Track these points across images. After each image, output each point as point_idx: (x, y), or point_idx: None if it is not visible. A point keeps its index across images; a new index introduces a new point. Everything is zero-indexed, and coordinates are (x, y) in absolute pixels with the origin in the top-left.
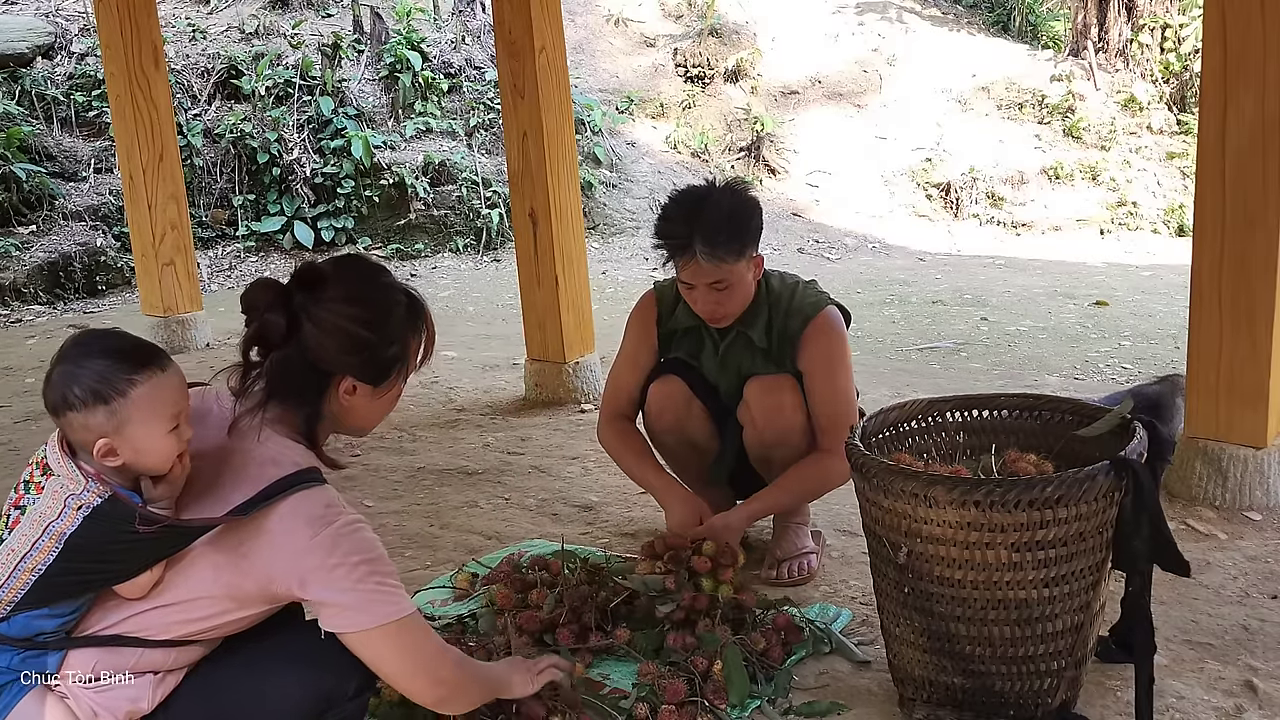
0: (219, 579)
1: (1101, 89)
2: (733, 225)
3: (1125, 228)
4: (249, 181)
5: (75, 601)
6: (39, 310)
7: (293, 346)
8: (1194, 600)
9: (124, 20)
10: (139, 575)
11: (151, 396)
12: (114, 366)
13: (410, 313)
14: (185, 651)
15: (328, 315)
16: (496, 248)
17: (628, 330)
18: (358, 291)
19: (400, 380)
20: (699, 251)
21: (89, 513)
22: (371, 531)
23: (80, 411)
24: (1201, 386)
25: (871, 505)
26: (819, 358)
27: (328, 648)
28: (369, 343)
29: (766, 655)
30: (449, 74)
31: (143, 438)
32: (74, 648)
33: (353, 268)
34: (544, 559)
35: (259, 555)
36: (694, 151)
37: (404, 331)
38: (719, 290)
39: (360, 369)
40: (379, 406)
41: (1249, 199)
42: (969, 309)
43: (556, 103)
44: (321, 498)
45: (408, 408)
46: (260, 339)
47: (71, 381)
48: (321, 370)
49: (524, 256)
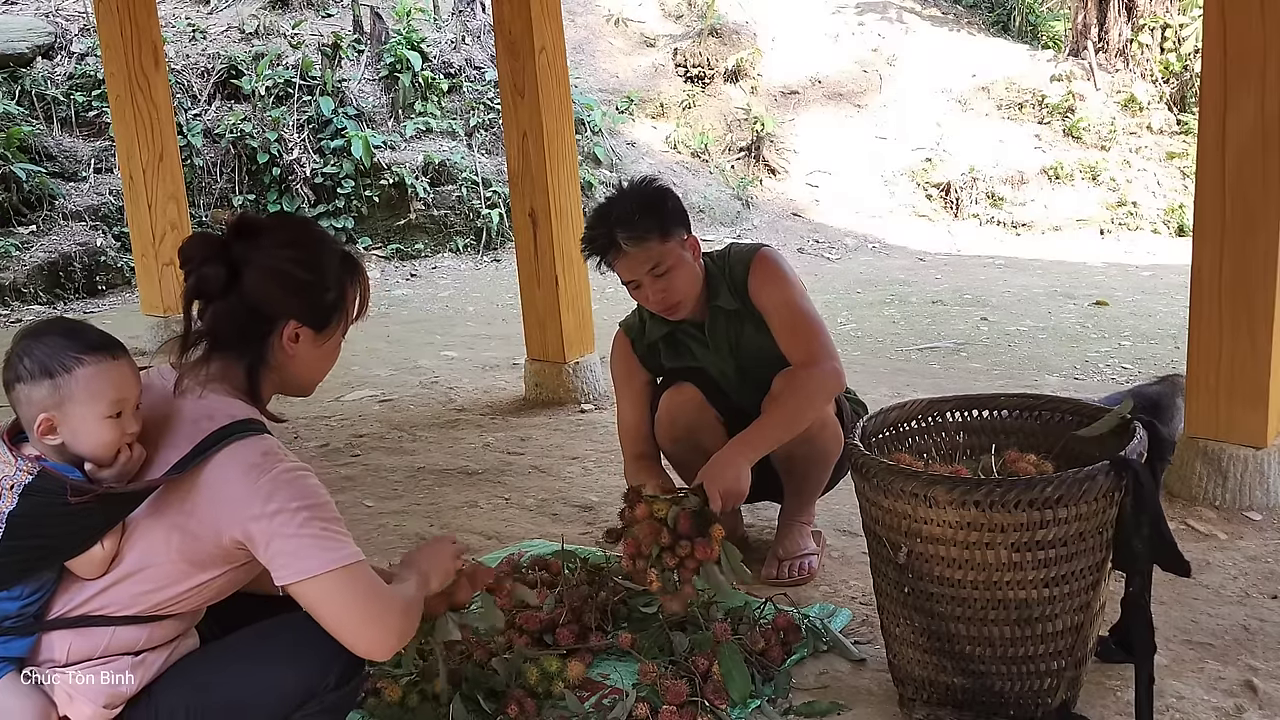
0: (171, 542)
1: (1101, 89)
2: (643, 207)
3: (1125, 228)
4: (249, 181)
5: (30, 583)
6: (39, 310)
7: (233, 296)
8: (1194, 600)
9: (124, 20)
10: (90, 550)
11: (96, 377)
12: (65, 344)
13: (345, 261)
14: (159, 627)
15: (267, 259)
16: (496, 248)
17: (614, 374)
18: (294, 236)
19: (340, 329)
20: (621, 240)
21: (21, 490)
22: (316, 480)
23: (26, 384)
24: (1201, 386)
25: (871, 505)
26: (768, 289)
27: (310, 638)
28: (309, 284)
29: (766, 655)
30: (449, 74)
31: (81, 418)
32: (43, 630)
33: (287, 218)
34: (544, 559)
35: (202, 510)
36: (694, 151)
37: (341, 277)
38: (659, 276)
39: (302, 311)
40: (321, 357)
41: (1249, 199)
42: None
43: (556, 103)
44: (258, 445)
45: (408, 408)
46: (200, 291)
47: (24, 355)
48: (264, 315)
49: (524, 256)
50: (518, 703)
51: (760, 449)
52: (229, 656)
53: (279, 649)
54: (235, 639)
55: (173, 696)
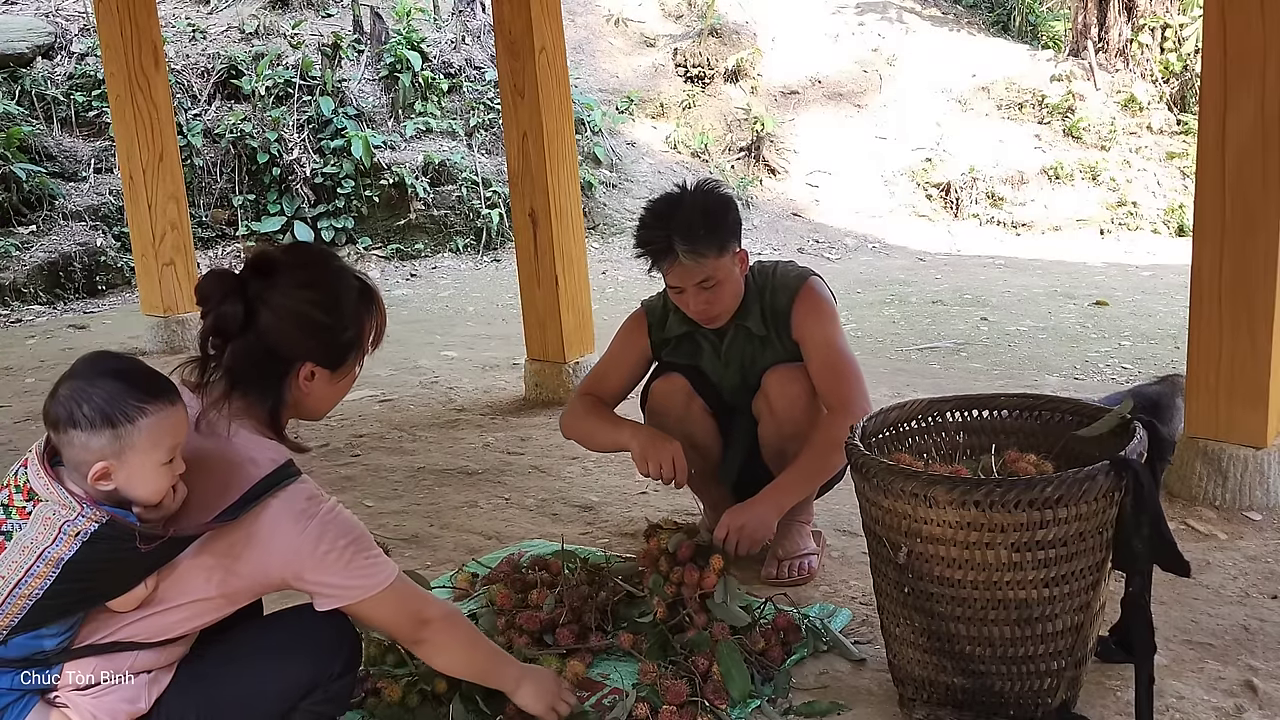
0: (211, 581)
1: (1101, 89)
2: (708, 221)
3: (1125, 228)
4: (249, 181)
5: (70, 619)
6: (39, 310)
7: (250, 335)
8: (1194, 600)
9: (124, 20)
10: (134, 589)
11: (157, 427)
12: (126, 391)
13: (363, 296)
14: (178, 646)
15: (284, 301)
16: (496, 248)
17: (615, 338)
18: (312, 276)
19: (357, 364)
20: (680, 251)
21: (87, 538)
22: (347, 510)
23: (85, 431)
24: (1201, 386)
25: (871, 505)
26: (811, 323)
27: (312, 632)
28: (326, 326)
29: (766, 655)
30: (449, 74)
31: (139, 466)
32: (71, 660)
33: (304, 253)
34: (544, 559)
35: (251, 557)
36: (694, 151)
37: (359, 314)
38: (707, 289)
39: (319, 353)
40: (336, 391)
41: (1249, 199)
42: (969, 309)
43: (556, 103)
44: (302, 492)
45: (408, 408)
46: (218, 330)
47: (82, 399)
48: (280, 356)
49: (524, 256)
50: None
51: (794, 498)
52: (234, 654)
53: (283, 642)
54: (238, 636)
55: (181, 700)
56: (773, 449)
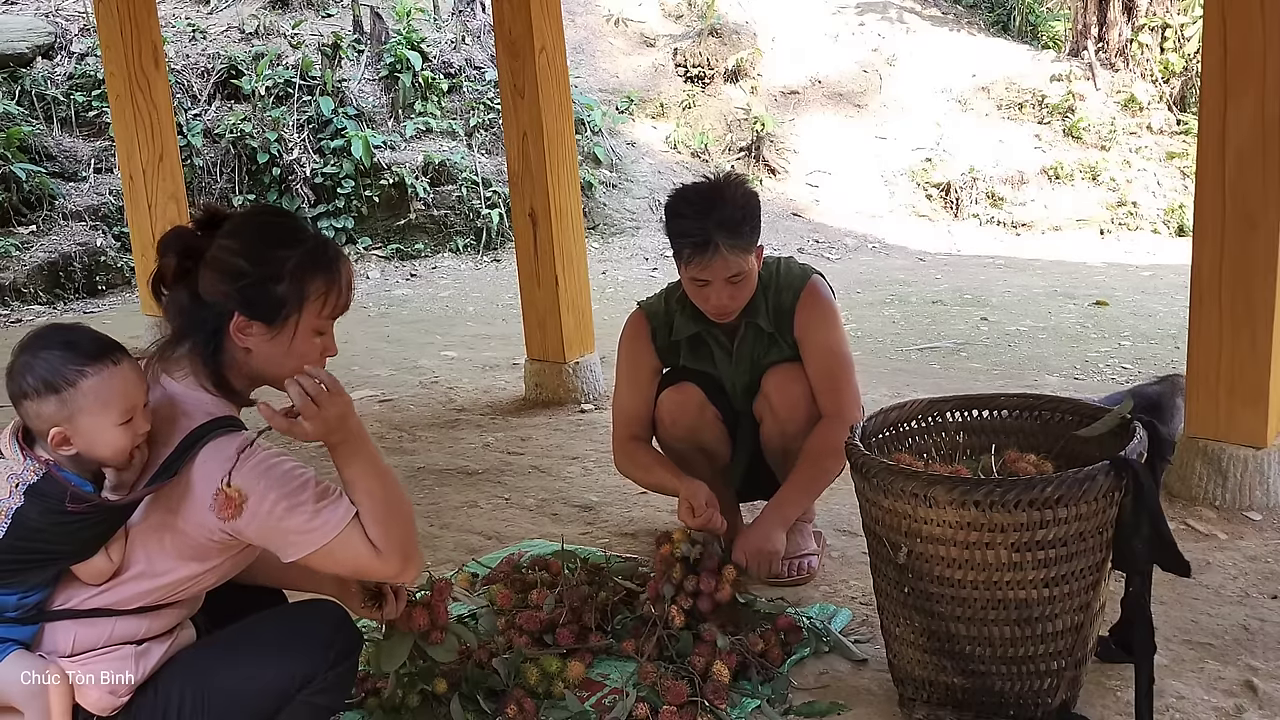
0: (164, 542)
1: (1101, 89)
2: (747, 216)
3: (1125, 228)
4: (249, 181)
5: (31, 581)
6: (39, 310)
7: (185, 285)
8: (1194, 600)
9: (124, 20)
10: (91, 557)
11: (102, 388)
12: (66, 357)
13: (312, 254)
14: (159, 617)
15: (213, 250)
16: (496, 248)
17: (621, 354)
18: (243, 226)
19: (297, 321)
20: (723, 245)
21: (27, 489)
22: (292, 462)
23: (34, 400)
24: (1201, 386)
25: (871, 505)
26: (814, 324)
27: (307, 624)
28: (244, 272)
29: (766, 656)
30: (449, 74)
31: (93, 428)
32: (47, 620)
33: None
34: (544, 559)
35: (190, 512)
36: (694, 151)
37: (299, 270)
38: (735, 284)
39: (242, 302)
40: (283, 352)
41: (1249, 199)
42: (969, 309)
43: (556, 103)
44: (231, 443)
45: (408, 408)
46: (159, 281)
47: (26, 371)
48: (208, 303)
49: (524, 256)
50: (517, 703)
51: (796, 511)
52: (231, 644)
53: (278, 635)
54: (235, 629)
55: (178, 686)
56: (776, 450)
